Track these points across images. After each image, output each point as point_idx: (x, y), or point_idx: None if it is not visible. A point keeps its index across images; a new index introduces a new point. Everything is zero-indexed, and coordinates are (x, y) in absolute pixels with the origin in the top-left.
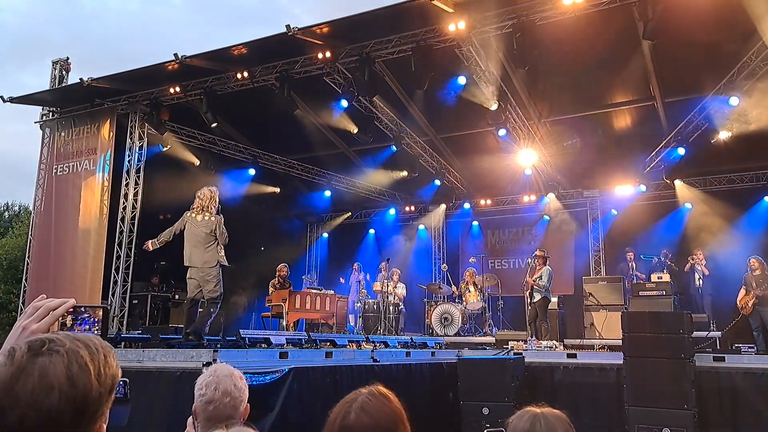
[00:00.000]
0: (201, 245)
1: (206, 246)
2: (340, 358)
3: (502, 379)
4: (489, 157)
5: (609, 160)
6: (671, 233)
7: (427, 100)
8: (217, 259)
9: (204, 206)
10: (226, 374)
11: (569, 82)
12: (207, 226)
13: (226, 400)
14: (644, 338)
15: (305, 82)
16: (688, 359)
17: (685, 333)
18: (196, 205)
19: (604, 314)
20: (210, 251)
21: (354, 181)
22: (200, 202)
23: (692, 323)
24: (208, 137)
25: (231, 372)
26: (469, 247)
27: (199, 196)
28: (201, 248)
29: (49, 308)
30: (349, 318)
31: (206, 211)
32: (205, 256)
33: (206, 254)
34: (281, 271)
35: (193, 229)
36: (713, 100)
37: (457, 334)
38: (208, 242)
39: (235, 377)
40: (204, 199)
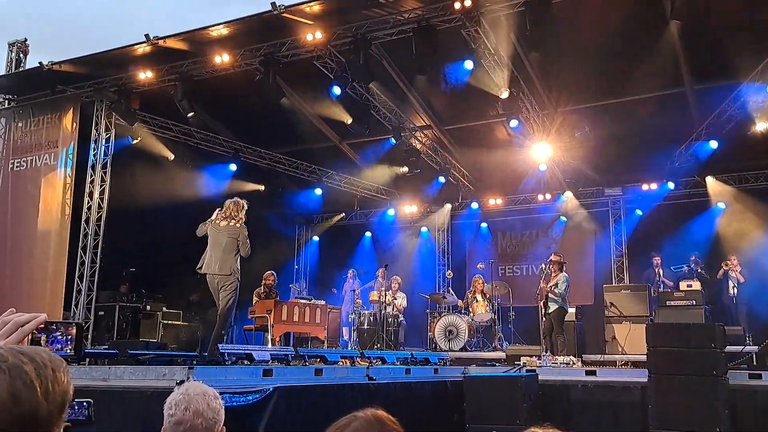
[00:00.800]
0: (222, 252)
1: (227, 253)
2: (331, 376)
3: (513, 400)
4: (499, 151)
5: (633, 154)
6: (702, 236)
7: (429, 87)
8: (233, 269)
9: (228, 215)
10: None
11: (588, 67)
12: (231, 233)
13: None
14: (672, 353)
15: (293, 66)
16: (720, 377)
17: (718, 347)
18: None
19: (628, 326)
20: (228, 260)
21: (348, 177)
22: (227, 212)
23: (725, 336)
24: (183, 128)
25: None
26: (477, 252)
27: (228, 204)
28: (221, 254)
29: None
30: (342, 331)
31: (231, 218)
32: (222, 263)
33: (224, 262)
34: (267, 280)
35: (217, 235)
36: (750, 86)
37: (463, 349)
38: (230, 250)
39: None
40: (231, 209)
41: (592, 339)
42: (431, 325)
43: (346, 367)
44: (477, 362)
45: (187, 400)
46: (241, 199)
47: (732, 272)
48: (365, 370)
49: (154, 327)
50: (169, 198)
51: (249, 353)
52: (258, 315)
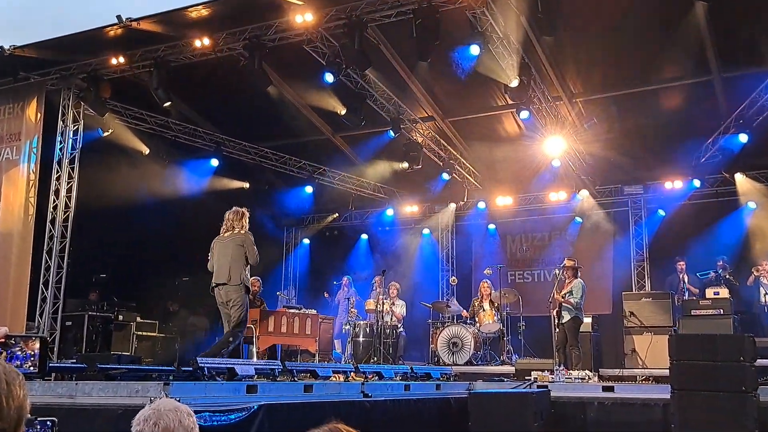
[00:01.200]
0: (231, 260)
1: (236, 261)
2: (322, 392)
3: (523, 418)
4: (509, 146)
5: (655, 149)
6: (731, 238)
7: (432, 74)
8: (241, 278)
9: (231, 226)
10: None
11: (606, 53)
12: (235, 241)
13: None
14: (697, 367)
15: (281, 51)
16: (750, 393)
17: (747, 361)
18: (226, 225)
19: (649, 338)
20: (237, 269)
21: (342, 174)
22: (229, 222)
23: (756, 349)
24: (159, 120)
25: (176, 407)
26: (484, 256)
27: (229, 215)
28: (229, 264)
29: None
30: (335, 344)
31: (234, 227)
32: (232, 273)
33: (233, 271)
34: (252, 286)
35: (222, 248)
36: None
37: (468, 363)
38: (238, 259)
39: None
40: (231, 219)
41: (609, 352)
42: (433, 337)
43: (339, 382)
44: (483, 377)
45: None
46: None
47: (763, 278)
48: (360, 387)
49: (126, 339)
50: (143, 196)
51: (231, 367)
52: None
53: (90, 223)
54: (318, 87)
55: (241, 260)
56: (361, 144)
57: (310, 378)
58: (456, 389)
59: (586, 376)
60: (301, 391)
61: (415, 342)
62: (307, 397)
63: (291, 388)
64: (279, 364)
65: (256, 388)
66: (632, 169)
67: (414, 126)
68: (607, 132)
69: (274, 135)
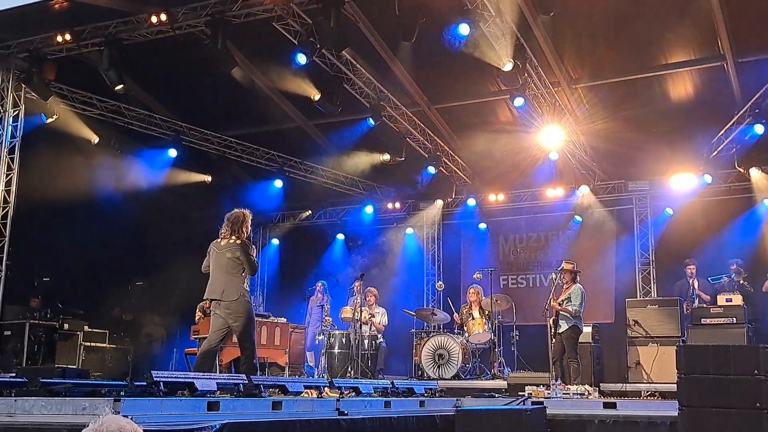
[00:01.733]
0: (226, 274)
1: (232, 275)
2: (293, 410)
3: None
4: (502, 136)
5: (662, 140)
6: (745, 240)
7: (417, 56)
8: (240, 291)
9: (232, 230)
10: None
11: (609, 34)
12: (231, 251)
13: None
14: (707, 381)
15: (247, 29)
16: (765, 410)
17: (763, 374)
18: (223, 230)
19: (655, 349)
20: (234, 282)
21: (316, 167)
22: (228, 227)
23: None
24: (111, 105)
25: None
26: (474, 259)
27: (227, 218)
28: (225, 277)
29: None
30: (307, 356)
31: (233, 234)
32: (228, 287)
33: (230, 285)
34: None
35: (218, 257)
36: None
37: (455, 377)
38: (234, 270)
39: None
40: (233, 221)
41: (611, 364)
42: (417, 348)
43: (312, 399)
44: (472, 393)
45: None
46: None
47: None
48: (335, 404)
49: (73, 350)
50: (92, 191)
51: (191, 382)
52: (203, 335)
53: (32, 221)
54: (289, 69)
55: (237, 272)
56: (337, 133)
57: (279, 394)
58: (442, 406)
59: (586, 391)
60: (269, 409)
61: (396, 354)
62: (275, 415)
63: (257, 405)
64: (244, 379)
65: (218, 405)
66: (637, 162)
67: (397, 113)
68: (610, 122)
69: (239, 123)
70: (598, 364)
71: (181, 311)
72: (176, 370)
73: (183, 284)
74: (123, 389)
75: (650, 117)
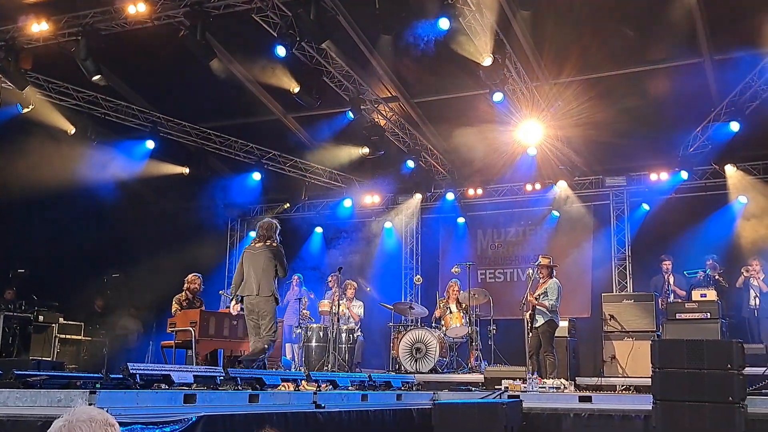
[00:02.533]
0: (262, 273)
1: (266, 275)
2: (269, 402)
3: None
4: (480, 131)
5: (640, 136)
6: (720, 236)
7: (396, 50)
8: (271, 290)
9: (264, 235)
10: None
11: (588, 31)
12: (267, 253)
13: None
14: (681, 375)
15: (226, 20)
16: (737, 404)
17: (735, 369)
18: (256, 237)
19: (630, 344)
20: (268, 281)
21: (294, 160)
22: (261, 233)
23: (744, 356)
24: (87, 95)
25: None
26: (452, 253)
27: (261, 226)
28: (259, 276)
29: None
30: (284, 349)
31: (267, 239)
32: (262, 286)
33: (264, 283)
34: (192, 284)
35: (253, 258)
36: None
37: (433, 371)
38: (268, 272)
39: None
40: (266, 228)
41: (587, 359)
42: (394, 342)
43: (289, 392)
44: (449, 386)
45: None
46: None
47: (754, 280)
48: (312, 397)
49: (48, 342)
50: (68, 182)
51: (167, 374)
52: (179, 328)
53: (7, 212)
54: (268, 62)
55: (271, 272)
56: (316, 126)
57: (256, 386)
58: (419, 400)
59: (562, 385)
60: (246, 401)
61: (373, 347)
62: (252, 407)
63: (234, 397)
64: (221, 371)
65: (194, 397)
66: (615, 158)
67: (376, 107)
68: (588, 118)
69: (217, 115)
70: (574, 358)
71: (158, 303)
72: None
73: (159, 276)
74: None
75: (628, 113)
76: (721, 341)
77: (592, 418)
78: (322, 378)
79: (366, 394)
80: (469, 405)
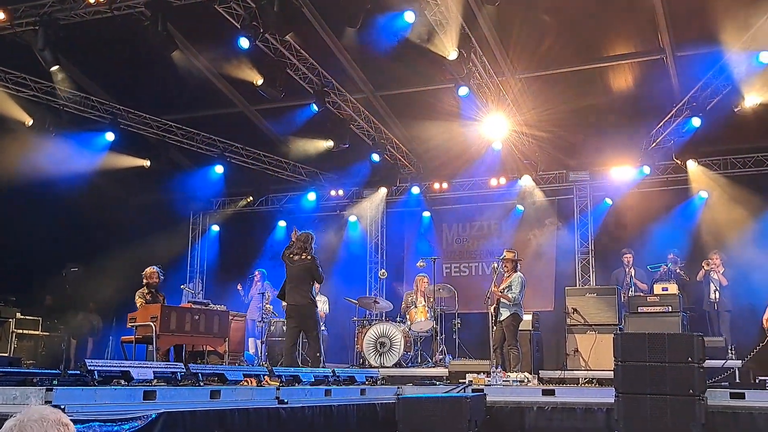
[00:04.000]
0: (299, 285)
1: (304, 286)
2: (231, 398)
3: (456, 425)
4: (446, 125)
5: (603, 131)
6: (682, 230)
7: (361, 43)
8: (311, 298)
9: (301, 248)
10: (36, 418)
11: (553, 26)
12: (303, 268)
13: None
14: (642, 369)
15: (189, 11)
16: (698, 396)
17: (696, 362)
18: (294, 248)
19: (593, 337)
20: (306, 291)
21: (257, 152)
22: (298, 245)
23: (704, 349)
24: (45, 86)
25: (42, 416)
26: (418, 247)
27: (298, 239)
28: (299, 287)
29: None
30: (247, 343)
31: (303, 251)
32: (302, 295)
33: (304, 293)
34: (151, 278)
35: (291, 270)
36: (739, 54)
37: (397, 365)
38: (306, 282)
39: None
40: (303, 241)
41: (550, 352)
42: (359, 337)
43: (251, 387)
44: (414, 381)
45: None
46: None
47: (714, 273)
48: (275, 392)
49: (4, 337)
50: (26, 174)
51: (126, 371)
52: (140, 323)
53: None
54: (231, 53)
55: (308, 282)
56: (279, 119)
57: (218, 382)
58: (383, 394)
59: (525, 378)
60: (207, 398)
61: (337, 342)
62: (213, 404)
63: (195, 394)
64: (182, 367)
65: (154, 394)
66: (578, 153)
67: (340, 100)
68: (553, 113)
69: (179, 107)
70: (538, 352)
71: (118, 298)
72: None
73: (120, 270)
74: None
75: (592, 108)
76: (682, 335)
77: (555, 411)
78: (285, 373)
79: (329, 390)
80: (433, 399)
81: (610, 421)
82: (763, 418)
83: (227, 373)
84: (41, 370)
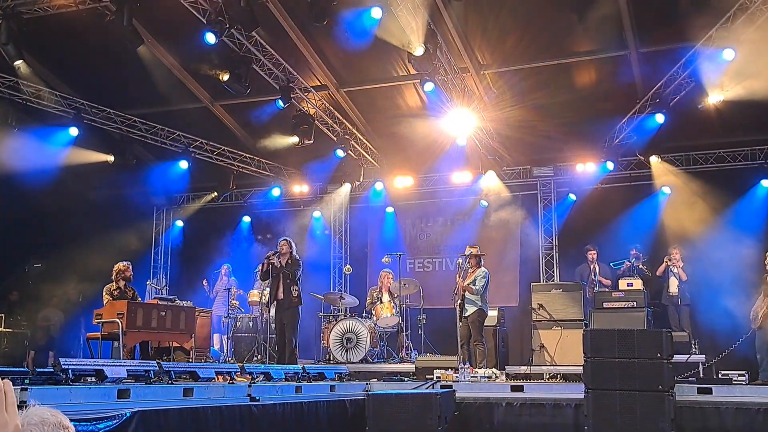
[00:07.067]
0: (282, 285)
1: (286, 286)
2: (204, 396)
3: (425, 421)
4: (411, 121)
5: (567, 127)
6: (645, 226)
7: (327, 39)
8: (291, 298)
9: (283, 252)
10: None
11: (518, 22)
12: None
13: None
14: (611, 365)
15: (155, 6)
16: (667, 392)
17: (664, 357)
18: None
19: (558, 333)
20: (287, 290)
21: (222, 148)
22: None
23: (673, 345)
24: (8, 80)
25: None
26: (382, 243)
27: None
28: (282, 287)
29: None
30: (213, 340)
31: (285, 255)
32: (285, 295)
33: (286, 292)
34: (124, 272)
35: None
36: (702, 52)
37: (364, 361)
38: (287, 282)
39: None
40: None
41: (516, 347)
42: (325, 332)
43: (223, 385)
44: (381, 376)
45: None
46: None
47: (674, 268)
48: (247, 389)
49: None
50: None
51: (99, 369)
52: (106, 320)
53: None
54: (197, 49)
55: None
56: (244, 114)
57: (190, 380)
58: (352, 390)
59: (493, 374)
60: (180, 396)
61: (304, 338)
62: (186, 402)
63: (168, 392)
64: (154, 365)
65: (128, 392)
66: (542, 149)
67: (306, 96)
68: (517, 108)
69: (144, 102)
70: (503, 347)
71: (83, 294)
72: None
73: (83, 266)
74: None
75: (556, 104)
76: (651, 331)
77: (524, 406)
78: (256, 370)
79: (300, 386)
80: (402, 396)
81: (579, 416)
82: (730, 412)
83: (199, 370)
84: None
